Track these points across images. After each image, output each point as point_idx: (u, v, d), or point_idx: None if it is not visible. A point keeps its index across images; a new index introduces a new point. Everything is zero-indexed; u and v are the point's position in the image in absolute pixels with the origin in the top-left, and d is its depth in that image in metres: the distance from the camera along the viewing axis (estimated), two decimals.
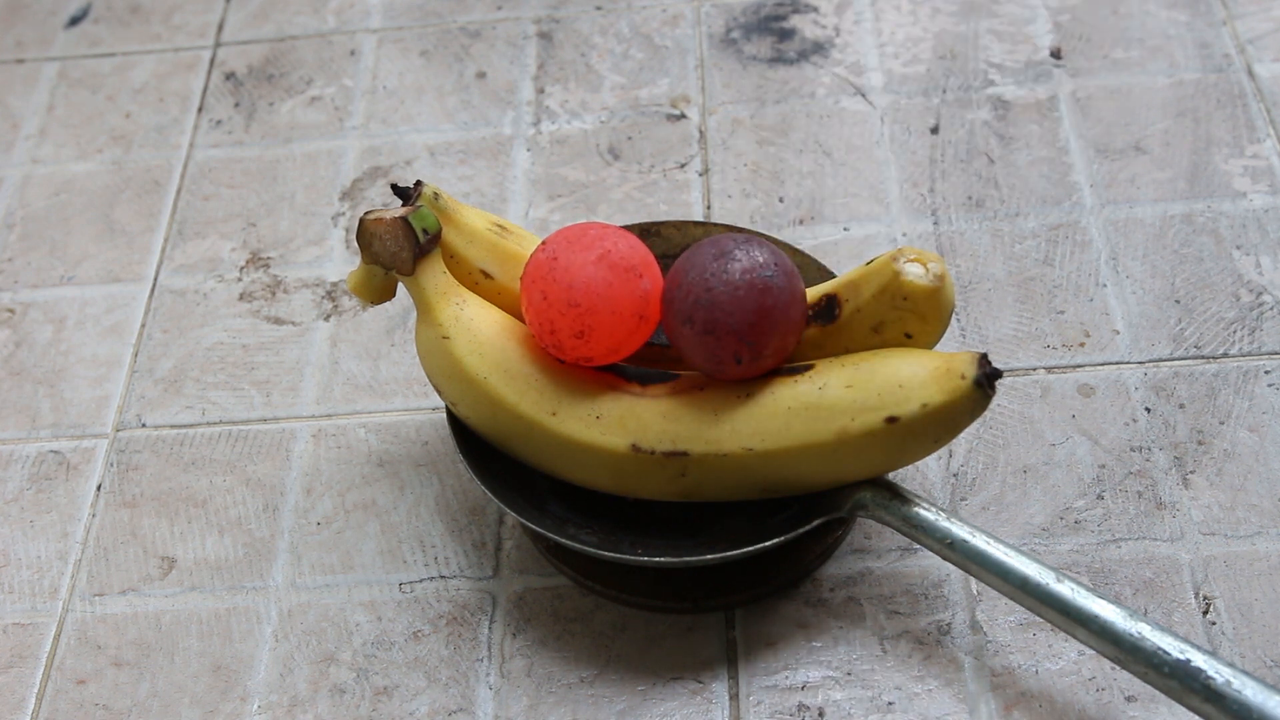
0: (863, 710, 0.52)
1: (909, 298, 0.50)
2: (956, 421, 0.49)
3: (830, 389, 0.50)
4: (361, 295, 0.56)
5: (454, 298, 0.54)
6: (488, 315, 0.54)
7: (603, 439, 0.52)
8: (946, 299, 0.50)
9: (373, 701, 0.54)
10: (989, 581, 0.49)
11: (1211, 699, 0.45)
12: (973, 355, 0.49)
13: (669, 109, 0.74)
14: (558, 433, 0.52)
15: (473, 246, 0.56)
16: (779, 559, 0.55)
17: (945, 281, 0.50)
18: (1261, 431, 0.59)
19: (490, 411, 0.53)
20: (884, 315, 0.50)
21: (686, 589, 0.55)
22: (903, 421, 0.49)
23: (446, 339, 0.54)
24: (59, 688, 0.56)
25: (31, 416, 0.65)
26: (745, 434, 0.51)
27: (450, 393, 0.54)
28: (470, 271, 0.56)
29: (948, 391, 0.49)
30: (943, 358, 0.50)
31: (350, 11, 0.82)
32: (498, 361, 0.53)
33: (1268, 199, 0.67)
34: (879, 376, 0.49)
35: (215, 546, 0.60)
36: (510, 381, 0.53)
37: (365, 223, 0.54)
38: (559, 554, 0.56)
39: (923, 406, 0.49)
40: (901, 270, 0.50)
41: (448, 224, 0.55)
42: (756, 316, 0.50)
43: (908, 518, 0.50)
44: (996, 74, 0.73)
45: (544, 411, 0.52)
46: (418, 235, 0.53)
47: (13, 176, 0.76)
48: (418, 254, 0.54)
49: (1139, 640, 0.46)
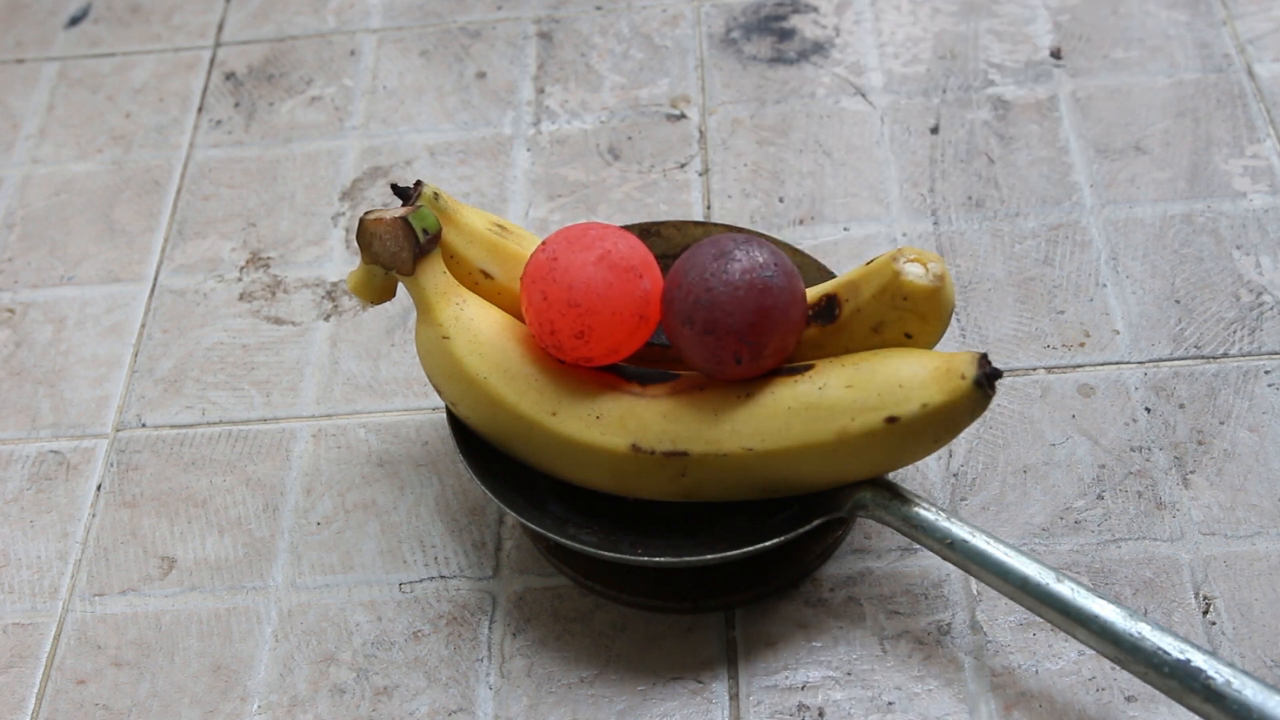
0: (863, 710, 0.52)
1: (909, 298, 0.50)
2: (957, 421, 0.49)
3: (830, 389, 0.50)
4: (361, 295, 0.56)
5: (454, 298, 0.54)
6: (488, 315, 0.54)
7: (602, 439, 0.52)
8: (946, 299, 0.50)
9: (373, 701, 0.54)
10: (989, 581, 0.49)
11: (1211, 699, 0.45)
12: (973, 355, 0.49)
13: (669, 109, 0.74)
14: (558, 432, 0.52)
15: (473, 246, 0.56)
16: (779, 559, 0.55)
17: (945, 281, 0.50)
18: (1261, 431, 0.59)
19: (490, 411, 0.53)
20: (884, 315, 0.50)
21: (686, 589, 0.55)
22: (903, 421, 0.49)
23: (447, 339, 0.54)
24: (59, 688, 0.56)
25: (31, 416, 0.65)
26: (745, 434, 0.51)
27: (450, 393, 0.54)
28: (470, 271, 0.56)
29: (948, 391, 0.49)
30: (943, 358, 0.50)
31: (350, 11, 0.82)
32: (498, 361, 0.53)
33: (1268, 199, 0.67)
34: (879, 376, 0.49)
35: (215, 546, 0.60)
36: (510, 381, 0.53)
37: (365, 223, 0.54)
38: (559, 554, 0.56)
39: (923, 406, 0.49)
40: (901, 270, 0.50)
41: (448, 224, 0.55)
42: (756, 316, 0.50)
43: (908, 518, 0.50)
44: (996, 74, 0.73)
45: (544, 411, 0.52)
46: (418, 235, 0.53)
47: (13, 176, 0.76)
48: (418, 254, 0.54)
49: (1139, 640, 0.46)
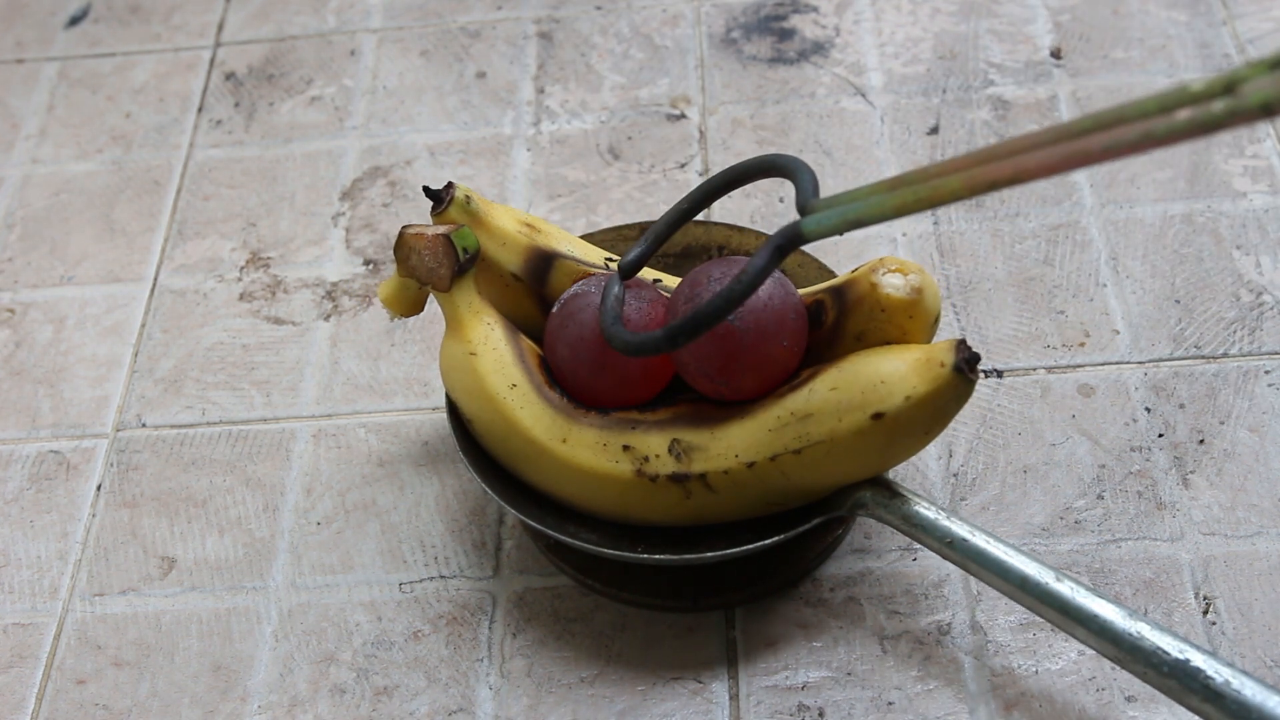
0: (863, 710, 0.52)
1: (886, 309, 0.50)
2: (943, 410, 0.49)
3: (817, 394, 0.50)
4: (392, 307, 0.56)
5: (486, 317, 0.55)
6: (514, 339, 0.55)
7: (608, 465, 0.52)
8: (925, 310, 0.50)
9: (373, 701, 0.54)
10: (988, 580, 0.49)
11: (1210, 699, 0.45)
12: (950, 342, 0.49)
13: (669, 109, 0.74)
14: (566, 460, 0.53)
15: (505, 250, 0.56)
16: (778, 558, 0.55)
17: (924, 294, 0.50)
18: (1261, 431, 0.59)
19: (504, 431, 0.54)
20: (864, 325, 0.51)
21: (686, 587, 0.55)
22: (889, 416, 0.49)
23: (473, 355, 0.54)
24: (59, 688, 0.56)
25: (31, 416, 0.65)
26: (742, 448, 0.51)
27: (469, 408, 0.55)
28: (501, 274, 0.56)
29: (929, 381, 0.49)
30: (921, 349, 0.50)
31: (350, 11, 0.82)
32: (517, 384, 0.54)
33: (1268, 199, 0.67)
34: (862, 376, 0.50)
35: (215, 546, 0.60)
36: (528, 405, 0.53)
37: (405, 236, 0.54)
38: (558, 551, 0.56)
39: (906, 399, 0.49)
40: (879, 283, 0.50)
41: (479, 228, 0.55)
42: (722, 360, 0.50)
43: (907, 516, 0.51)
44: (996, 74, 0.73)
45: (555, 438, 0.53)
46: (458, 254, 0.53)
47: (13, 176, 0.76)
48: (456, 272, 0.54)
49: (1138, 640, 0.46)
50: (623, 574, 0.56)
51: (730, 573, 0.55)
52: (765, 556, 0.55)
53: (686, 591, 0.55)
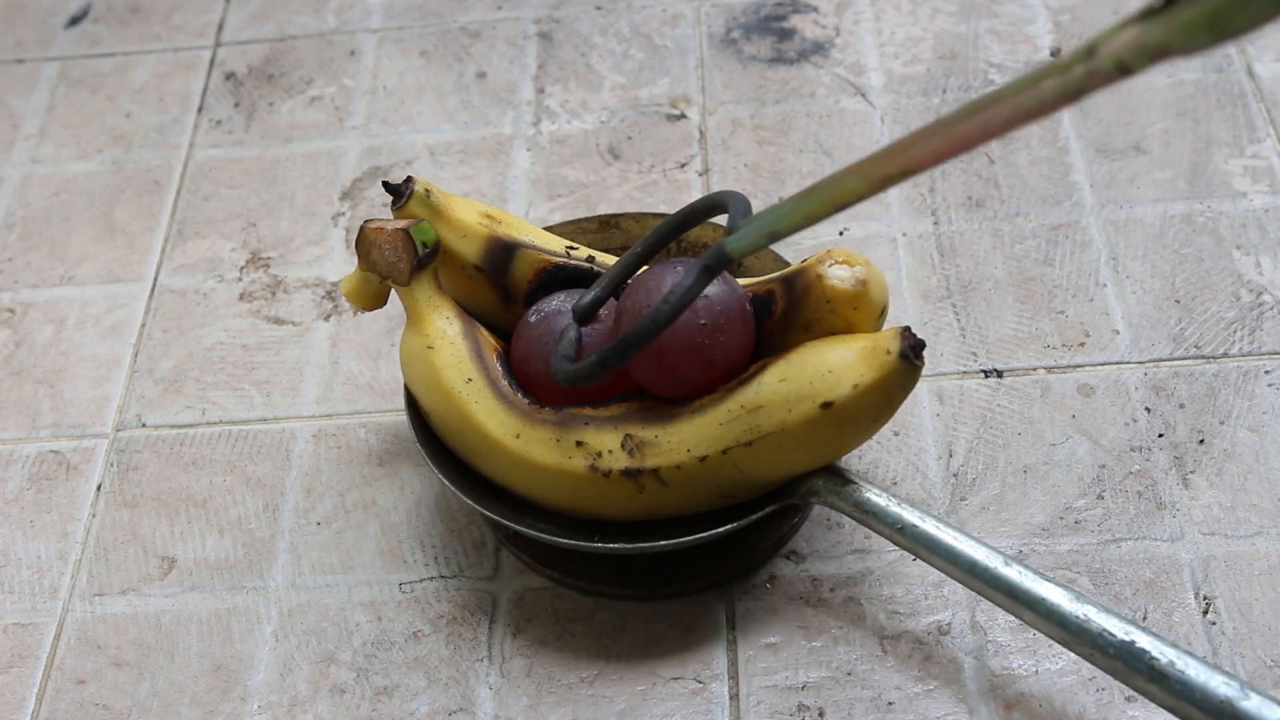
0: (863, 710, 0.52)
1: (832, 300, 0.50)
2: (891, 397, 0.50)
3: (766, 386, 0.51)
4: (354, 301, 0.57)
5: (445, 311, 0.55)
6: (473, 334, 0.56)
7: (562, 461, 0.53)
8: (870, 302, 0.51)
9: (373, 701, 0.54)
10: (939, 566, 0.49)
11: (1155, 679, 0.45)
12: (895, 330, 0.50)
13: (669, 109, 0.74)
14: (520, 455, 0.53)
15: (465, 242, 0.56)
16: (734, 547, 0.56)
17: (869, 286, 0.50)
18: (1261, 431, 0.59)
19: (459, 425, 0.55)
20: (811, 315, 0.51)
21: (643, 576, 0.56)
22: (838, 405, 0.49)
23: (431, 349, 0.55)
24: (59, 688, 0.56)
25: (31, 416, 0.65)
26: (694, 442, 0.51)
27: (426, 401, 0.56)
28: (463, 266, 0.56)
29: (876, 368, 0.49)
30: (868, 338, 0.50)
31: (350, 11, 0.82)
32: (473, 379, 0.54)
33: (1268, 199, 0.67)
34: (809, 366, 0.50)
35: (215, 546, 0.60)
36: (482, 400, 0.54)
37: (366, 231, 0.55)
38: (517, 542, 0.57)
39: (854, 387, 0.49)
40: (825, 274, 0.50)
41: (440, 221, 0.56)
42: (657, 363, 0.51)
43: (859, 503, 0.51)
44: (996, 74, 0.73)
45: (509, 434, 0.53)
46: (417, 248, 0.54)
47: (13, 176, 0.76)
48: (415, 266, 0.54)
49: (1085, 623, 0.46)
50: (581, 563, 0.56)
51: (685, 561, 0.56)
52: (720, 545, 0.55)
53: (643, 580, 0.56)
